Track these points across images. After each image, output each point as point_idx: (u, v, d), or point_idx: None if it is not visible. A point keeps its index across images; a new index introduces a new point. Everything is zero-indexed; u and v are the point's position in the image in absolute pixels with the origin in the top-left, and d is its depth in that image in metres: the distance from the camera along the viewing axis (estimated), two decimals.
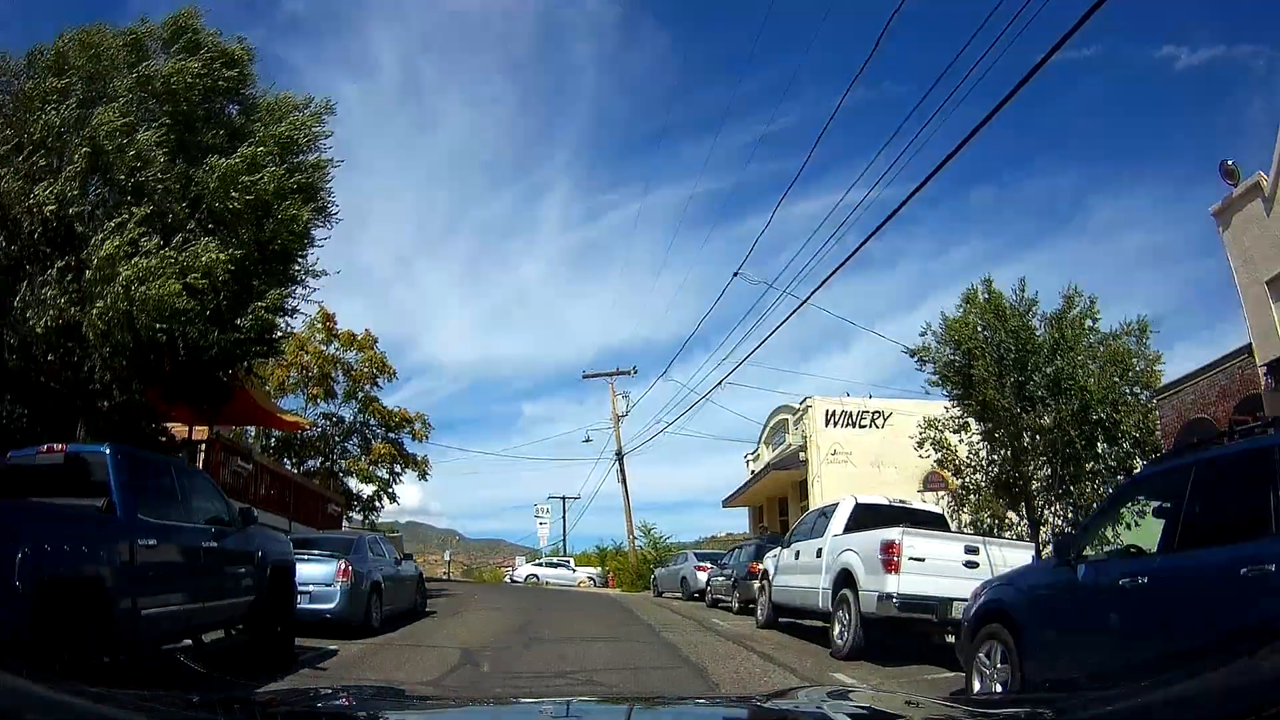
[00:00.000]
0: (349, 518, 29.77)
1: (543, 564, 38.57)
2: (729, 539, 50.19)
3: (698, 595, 20.13)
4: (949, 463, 15.61)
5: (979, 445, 14.79)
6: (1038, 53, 7.66)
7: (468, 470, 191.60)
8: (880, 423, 25.65)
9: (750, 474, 30.63)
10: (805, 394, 26.69)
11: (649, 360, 72.35)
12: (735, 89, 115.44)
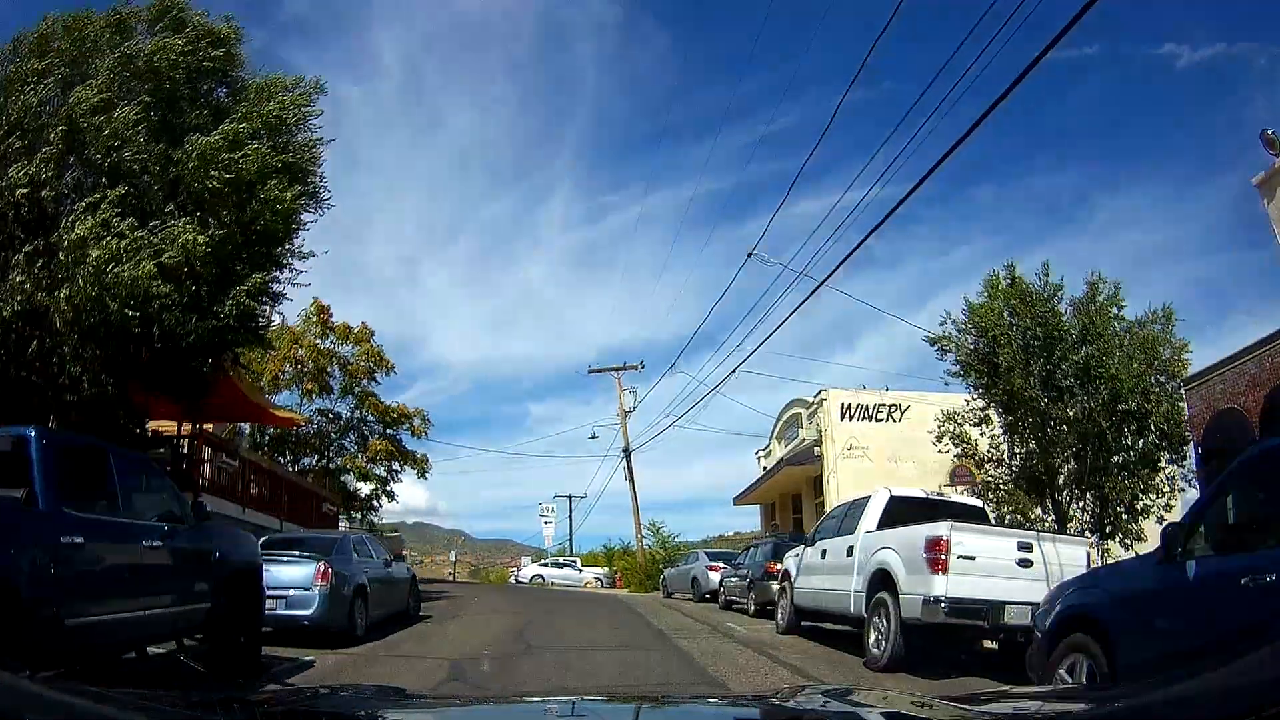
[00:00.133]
0: (351, 518, 28.90)
1: (548, 564, 37.53)
2: (737, 538, 49.28)
3: (709, 596, 19.17)
4: (968, 457, 14.98)
5: (1000, 439, 14.30)
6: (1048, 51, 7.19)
7: (473, 468, 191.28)
8: (897, 416, 24.82)
9: (762, 470, 29.62)
10: (815, 389, 25.69)
11: (655, 361, 71.35)
12: (738, 88, 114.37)
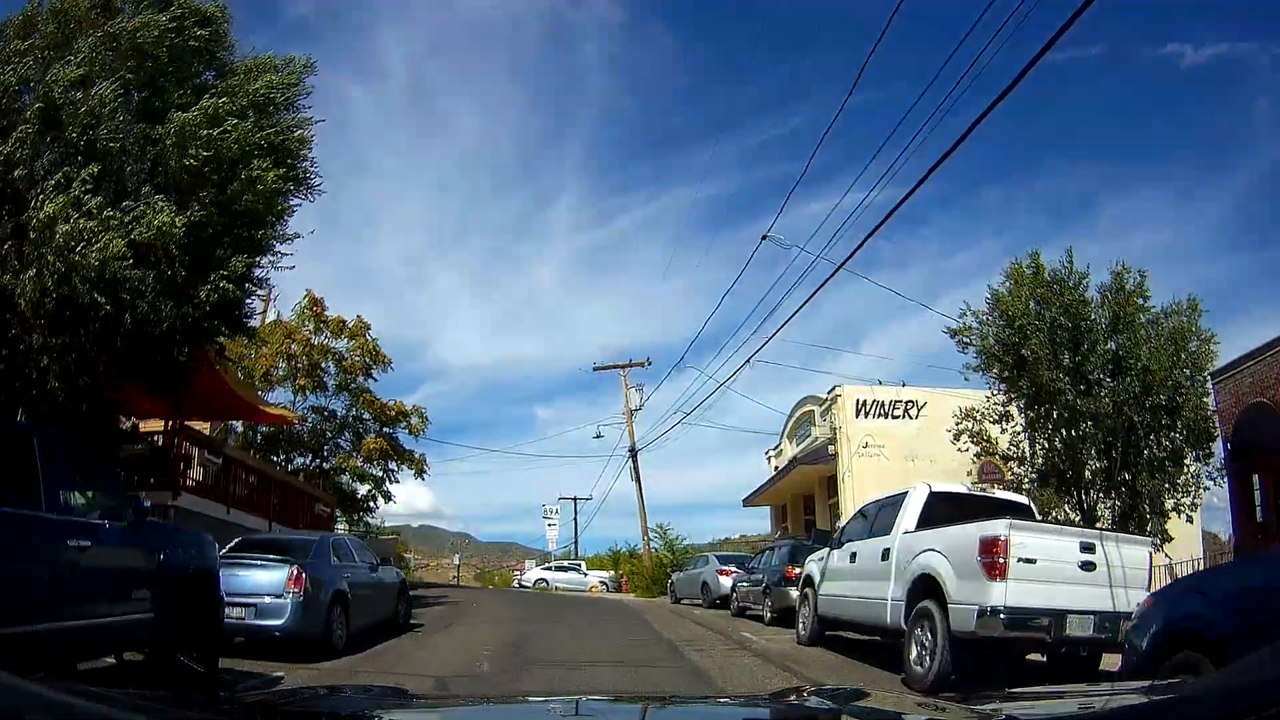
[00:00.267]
0: (351, 520, 27.93)
1: (552, 567, 36.50)
2: (743, 541, 48.27)
3: (720, 602, 18.19)
4: (989, 455, 14.25)
5: (1021, 436, 13.65)
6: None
7: (479, 470, 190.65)
8: (914, 413, 23.99)
9: (773, 470, 28.62)
10: (828, 386, 24.70)
11: (661, 365, 70.10)
12: (747, 90, 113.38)
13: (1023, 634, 6.80)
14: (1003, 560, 6.74)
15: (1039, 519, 9.66)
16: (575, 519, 44.14)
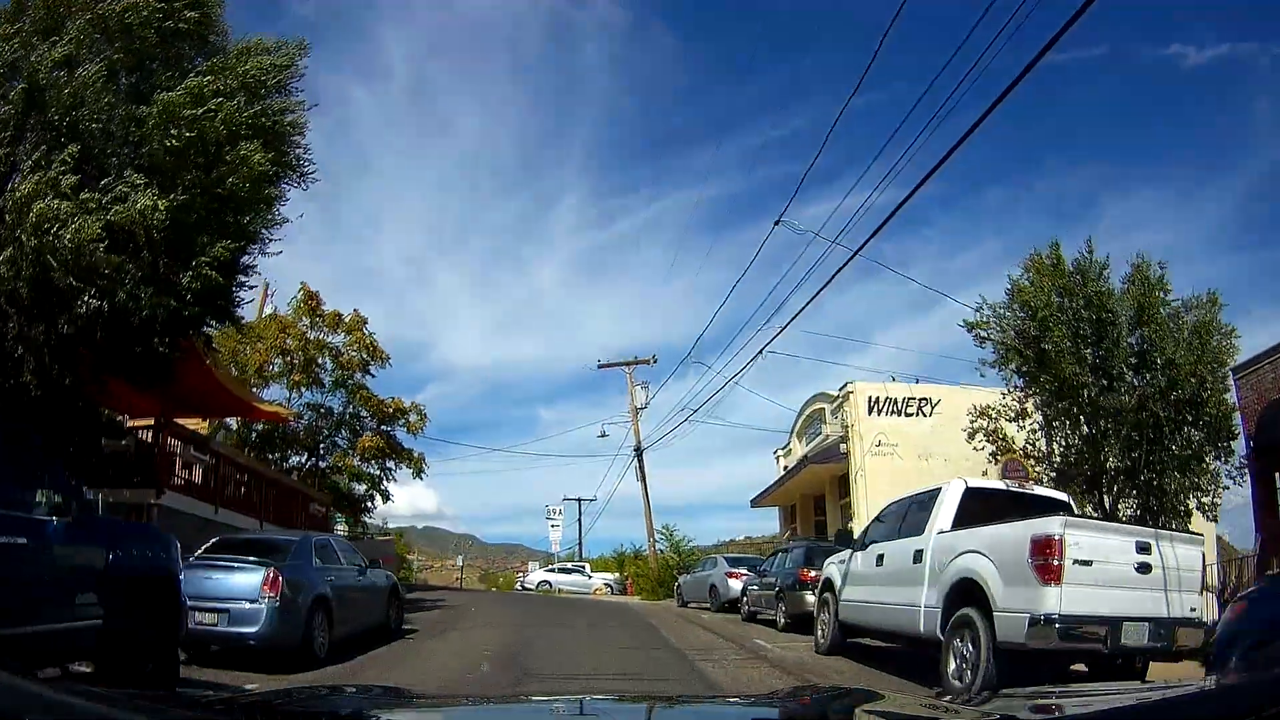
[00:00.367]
0: (349, 521, 27.20)
1: (555, 569, 35.70)
2: (748, 543, 47.51)
3: (728, 606, 17.43)
4: (1005, 454, 13.59)
5: (1038, 435, 13.20)
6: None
7: (483, 470, 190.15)
8: (928, 410, 23.30)
9: (782, 470, 27.87)
10: (839, 383, 24.03)
11: (667, 365, 69.42)
12: (748, 90, 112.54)
13: (1078, 645, 6.07)
14: (1057, 562, 6.01)
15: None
16: (579, 520, 43.39)
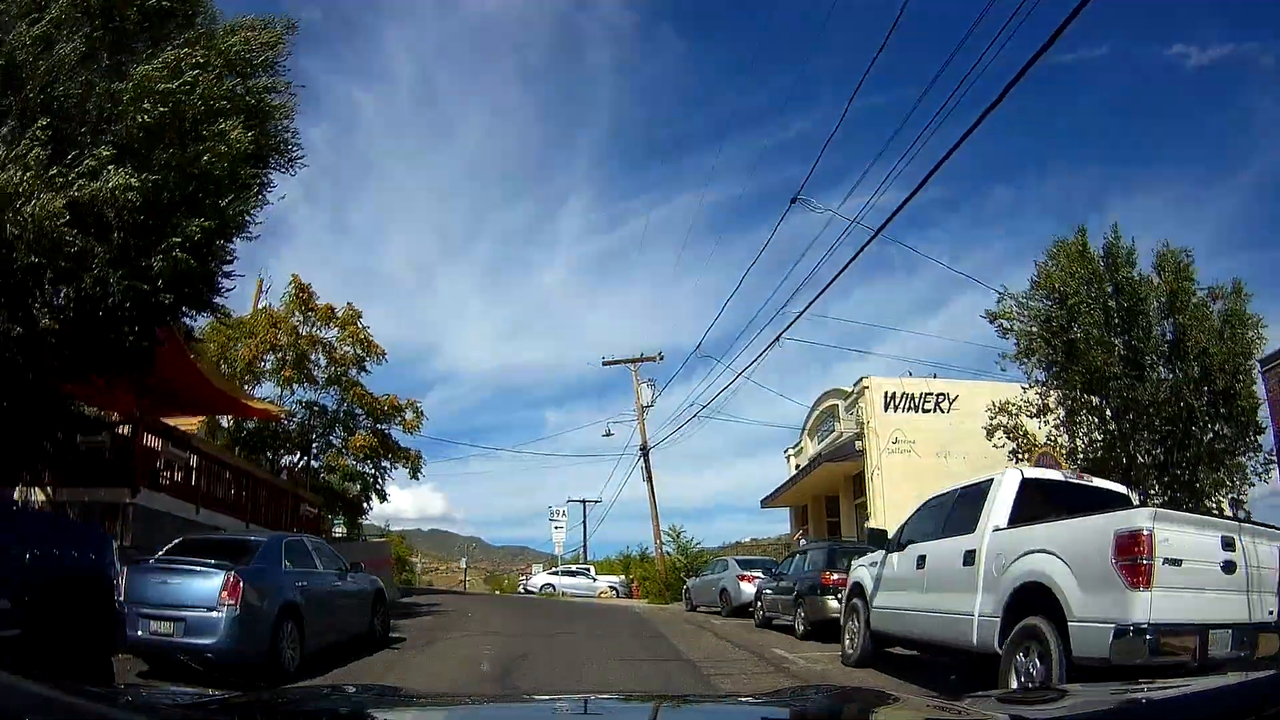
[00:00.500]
0: (347, 523, 26.27)
1: (559, 572, 34.67)
2: (754, 545, 46.49)
3: (740, 611, 16.48)
4: (1024, 451, 13.14)
5: (1060, 431, 12.75)
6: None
7: (487, 469, 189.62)
8: (945, 406, 22.43)
9: (794, 469, 26.91)
10: (854, 379, 23.09)
11: (671, 364, 68.37)
12: (758, 94, 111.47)
13: (1171, 658, 5.10)
14: (1146, 561, 5.06)
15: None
16: (584, 522, 42.37)
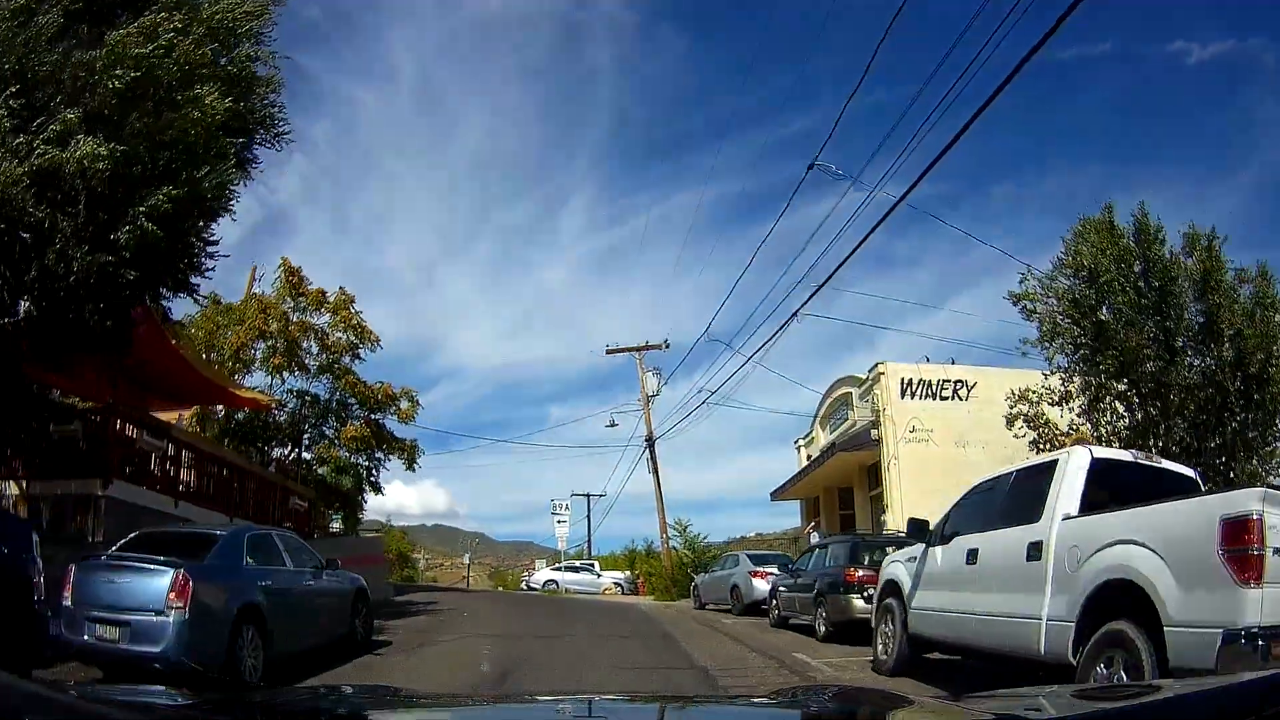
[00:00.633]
0: (345, 517, 25.41)
1: (563, 568, 33.87)
2: (760, 539, 45.65)
3: (753, 609, 15.61)
4: (1045, 441, 12.68)
5: (1082, 420, 12.37)
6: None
7: (491, 463, 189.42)
8: (964, 393, 21.58)
9: (805, 460, 25.99)
10: (869, 365, 22.26)
11: (676, 358, 67.47)
12: (758, 91, 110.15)
13: (1274, 667, 4.20)
14: (1257, 552, 4.15)
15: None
16: (588, 516, 41.46)
